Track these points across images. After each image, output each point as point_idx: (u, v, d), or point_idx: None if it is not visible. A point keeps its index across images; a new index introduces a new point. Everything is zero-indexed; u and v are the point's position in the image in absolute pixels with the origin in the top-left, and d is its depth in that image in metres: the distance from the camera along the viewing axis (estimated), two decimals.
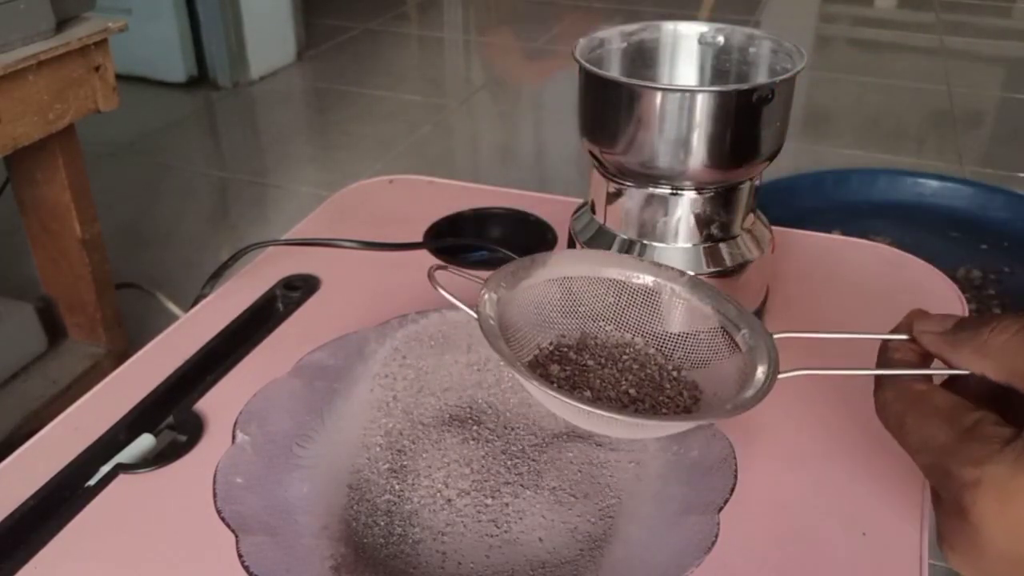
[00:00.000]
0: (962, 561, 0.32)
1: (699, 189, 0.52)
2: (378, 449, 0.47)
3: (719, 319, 0.43)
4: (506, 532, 0.42)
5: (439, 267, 0.42)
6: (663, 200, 0.53)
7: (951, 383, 0.37)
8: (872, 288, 0.65)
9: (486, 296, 0.41)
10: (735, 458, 0.42)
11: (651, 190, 0.53)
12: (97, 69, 1.04)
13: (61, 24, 1.00)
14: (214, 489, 0.41)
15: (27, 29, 0.95)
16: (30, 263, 1.21)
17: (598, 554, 0.41)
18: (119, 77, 1.07)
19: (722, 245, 0.54)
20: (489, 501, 0.44)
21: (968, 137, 2.16)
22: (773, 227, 0.59)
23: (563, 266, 0.45)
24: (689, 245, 0.54)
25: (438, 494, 0.44)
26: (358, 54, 2.81)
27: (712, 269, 0.54)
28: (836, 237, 0.73)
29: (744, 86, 0.49)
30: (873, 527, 0.45)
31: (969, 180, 1.68)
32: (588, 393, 0.41)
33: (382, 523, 0.43)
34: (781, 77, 0.49)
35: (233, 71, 2.51)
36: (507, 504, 0.44)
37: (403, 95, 2.50)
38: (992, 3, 3.27)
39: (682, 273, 0.45)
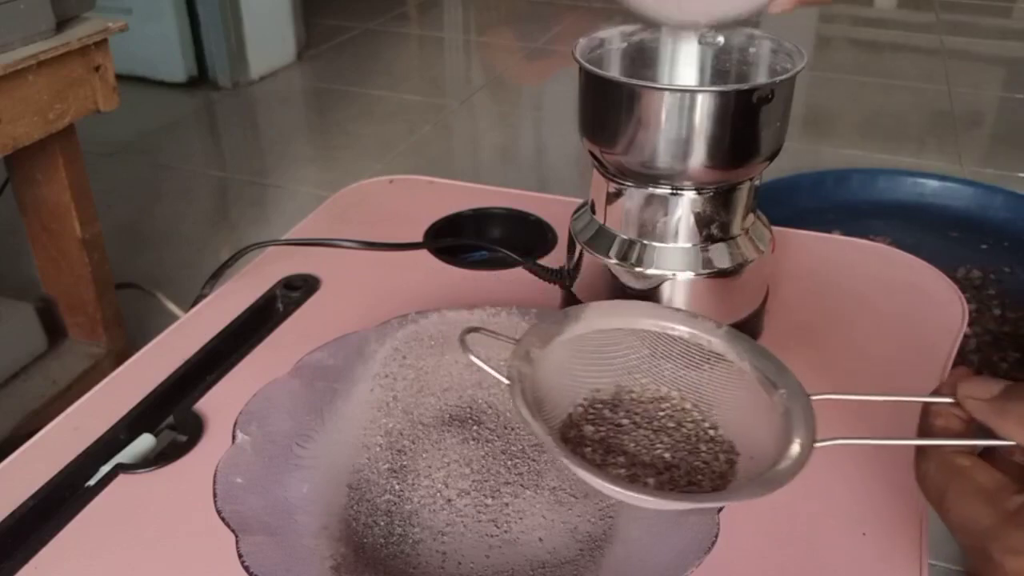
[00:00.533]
0: None
1: (699, 189, 0.52)
2: (378, 449, 0.47)
3: (756, 376, 0.41)
4: (506, 532, 0.42)
5: (471, 330, 0.41)
6: (663, 200, 0.53)
7: (994, 452, 0.36)
8: (872, 288, 0.65)
9: (517, 363, 0.40)
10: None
11: (651, 190, 0.53)
12: (97, 69, 1.04)
13: (61, 24, 1.00)
14: (214, 489, 0.41)
15: (27, 29, 0.95)
16: (30, 263, 1.21)
17: (598, 554, 0.41)
18: (119, 77, 1.07)
19: (722, 245, 0.54)
20: (489, 501, 0.44)
21: (968, 137, 2.16)
22: (773, 227, 0.59)
23: (596, 319, 0.44)
24: (689, 245, 0.54)
25: (438, 494, 0.44)
26: (358, 54, 2.81)
27: (712, 269, 0.54)
28: (836, 237, 0.73)
29: (744, 86, 0.49)
30: (873, 527, 0.45)
31: (969, 180, 1.68)
32: (622, 458, 0.40)
33: (382, 523, 0.43)
34: (781, 77, 0.49)
35: (233, 71, 2.51)
36: (507, 504, 0.44)
37: (403, 95, 2.50)
38: (992, 3, 3.27)
39: (719, 325, 0.43)
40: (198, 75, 2.52)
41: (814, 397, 0.39)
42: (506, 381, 0.38)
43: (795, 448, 0.37)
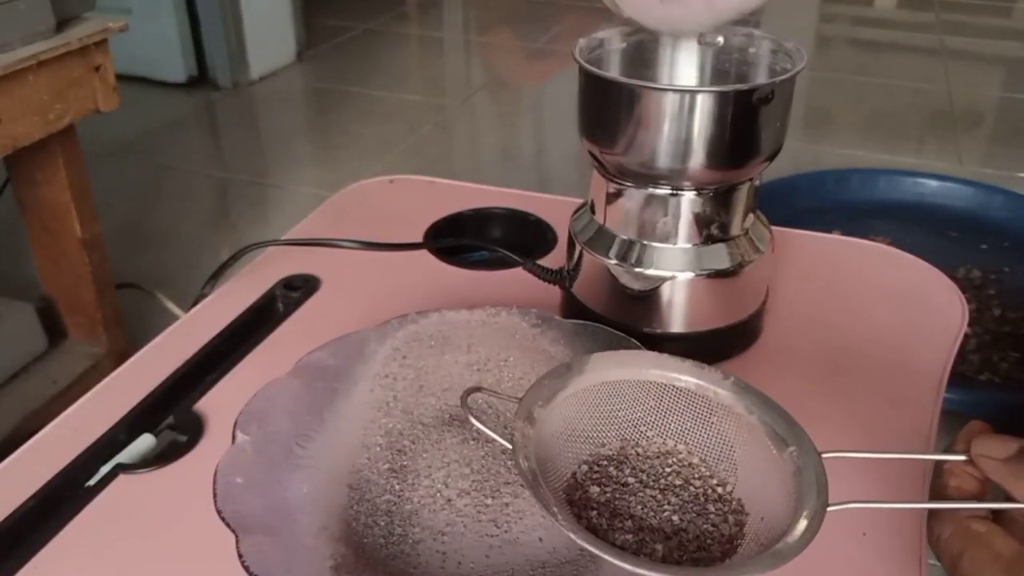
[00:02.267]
0: None
1: (699, 189, 0.52)
2: (378, 449, 0.47)
3: (765, 431, 0.40)
4: (506, 532, 0.42)
5: (473, 390, 0.40)
6: (663, 200, 0.53)
7: (1004, 515, 0.35)
8: (872, 288, 0.65)
9: (520, 425, 0.39)
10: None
11: (651, 190, 0.53)
12: (97, 69, 1.04)
13: (61, 24, 1.00)
14: (214, 489, 0.41)
15: (27, 29, 0.95)
16: (30, 263, 1.21)
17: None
18: (119, 77, 1.07)
19: (722, 245, 0.54)
20: (489, 501, 0.44)
21: (968, 137, 2.16)
22: (773, 227, 0.59)
23: (599, 371, 0.43)
24: (689, 245, 0.54)
25: (438, 494, 0.44)
26: (358, 54, 2.81)
27: (712, 269, 0.54)
28: (836, 237, 0.73)
29: (744, 86, 0.49)
30: (873, 527, 0.45)
31: (969, 180, 1.68)
32: (629, 523, 0.39)
33: (382, 523, 0.43)
34: (781, 77, 0.49)
35: (233, 71, 2.51)
36: (507, 504, 0.44)
37: (403, 95, 2.50)
38: (992, 3, 3.27)
39: (726, 376, 0.43)
40: (198, 75, 2.52)
41: (825, 456, 0.38)
42: (508, 446, 0.38)
43: (806, 516, 0.36)
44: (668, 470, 0.42)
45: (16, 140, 0.95)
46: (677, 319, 0.55)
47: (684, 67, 0.57)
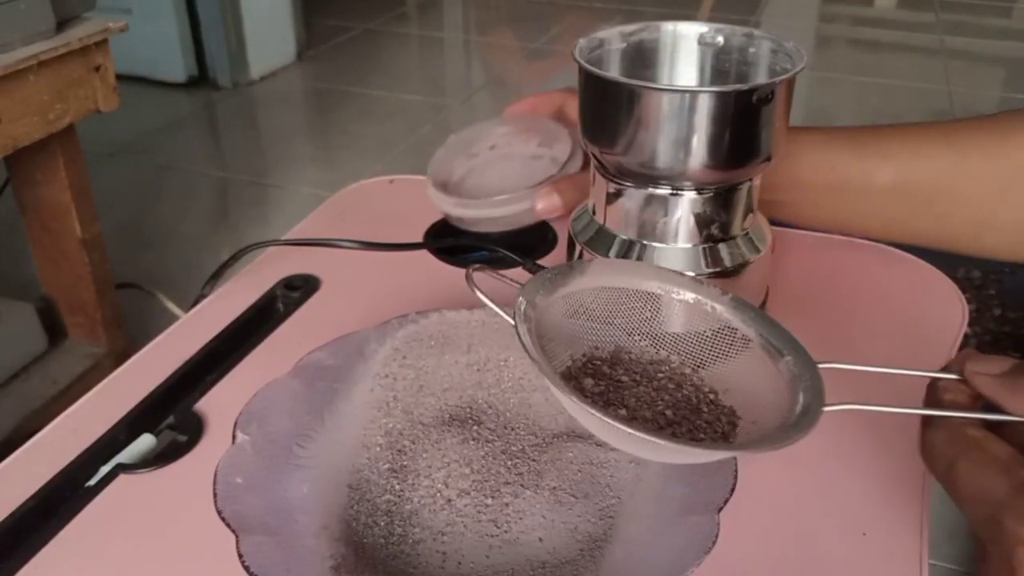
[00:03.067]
0: None
1: (699, 189, 0.52)
2: (378, 449, 0.47)
3: (761, 343, 0.41)
4: (506, 532, 0.42)
5: (476, 268, 0.40)
6: (663, 200, 0.53)
7: (1000, 429, 0.35)
8: (872, 288, 0.65)
9: (523, 302, 0.39)
10: (735, 458, 0.42)
11: (651, 190, 0.53)
12: (97, 69, 1.04)
13: (61, 24, 1.00)
14: (214, 489, 0.41)
15: (27, 29, 0.95)
16: (30, 263, 1.22)
17: (598, 554, 0.41)
18: (119, 77, 1.08)
19: (722, 245, 0.54)
20: (489, 501, 0.44)
21: None
22: (773, 227, 0.59)
23: (601, 276, 0.43)
24: (689, 245, 0.54)
25: (438, 494, 0.44)
26: (358, 54, 2.81)
27: (712, 269, 0.54)
28: (836, 237, 0.73)
29: (744, 86, 0.49)
30: (873, 527, 0.45)
31: None
32: (623, 411, 0.39)
33: (382, 523, 0.43)
34: (781, 77, 0.49)
35: (233, 71, 2.51)
36: (507, 504, 0.44)
37: (403, 95, 2.50)
38: (992, 3, 3.27)
39: (724, 292, 0.43)
40: (198, 75, 2.53)
41: (821, 365, 0.39)
42: (512, 320, 0.38)
43: (801, 407, 0.36)
44: (660, 375, 0.42)
45: (16, 140, 0.95)
46: None
47: (684, 67, 0.57)
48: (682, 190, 0.52)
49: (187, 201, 1.96)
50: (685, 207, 0.53)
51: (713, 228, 0.54)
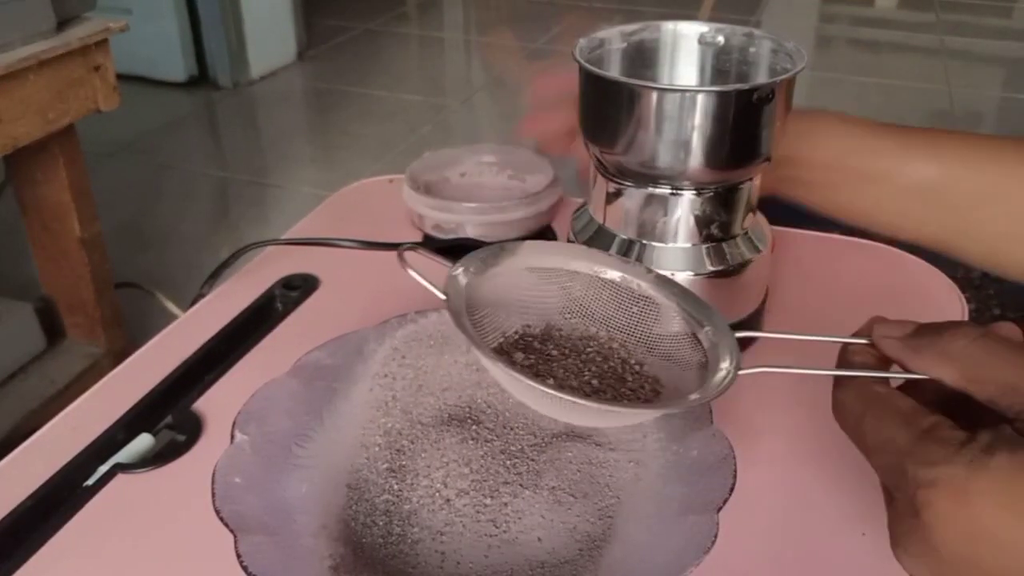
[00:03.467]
0: (914, 563, 0.33)
1: (699, 189, 0.52)
2: (377, 449, 0.47)
3: (683, 315, 0.43)
4: (505, 532, 0.42)
5: (408, 248, 0.43)
6: (663, 200, 0.53)
7: (907, 388, 0.38)
8: (872, 288, 0.65)
9: (455, 277, 0.41)
10: (735, 458, 0.42)
11: (651, 190, 0.53)
12: (97, 69, 1.04)
13: (61, 24, 1.00)
14: (213, 489, 0.41)
15: (27, 29, 0.95)
16: (30, 263, 1.22)
17: (597, 554, 0.41)
18: (119, 77, 1.08)
19: (722, 245, 0.54)
20: (488, 501, 0.44)
21: None
22: (773, 227, 0.59)
23: (532, 256, 0.45)
24: (689, 245, 0.54)
25: (437, 494, 0.44)
26: (358, 54, 2.81)
27: (712, 269, 0.54)
28: (836, 237, 0.73)
29: (744, 86, 0.49)
30: (873, 527, 0.45)
31: None
32: (551, 381, 0.41)
33: (381, 523, 0.43)
34: (781, 77, 0.49)
35: (233, 71, 2.51)
36: (506, 504, 0.44)
37: (403, 95, 2.50)
38: (992, 3, 3.27)
39: (648, 270, 0.46)
40: (198, 75, 2.53)
41: (739, 335, 0.41)
42: (442, 296, 0.40)
43: (721, 371, 0.39)
44: (589, 349, 0.44)
45: (16, 140, 0.95)
46: None
47: (684, 67, 0.57)
48: (682, 190, 0.52)
49: (187, 201, 1.96)
50: (685, 207, 0.53)
51: (713, 228, 0.53)
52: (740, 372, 0.39)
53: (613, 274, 0.45)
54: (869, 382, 0.37)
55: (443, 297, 0.40)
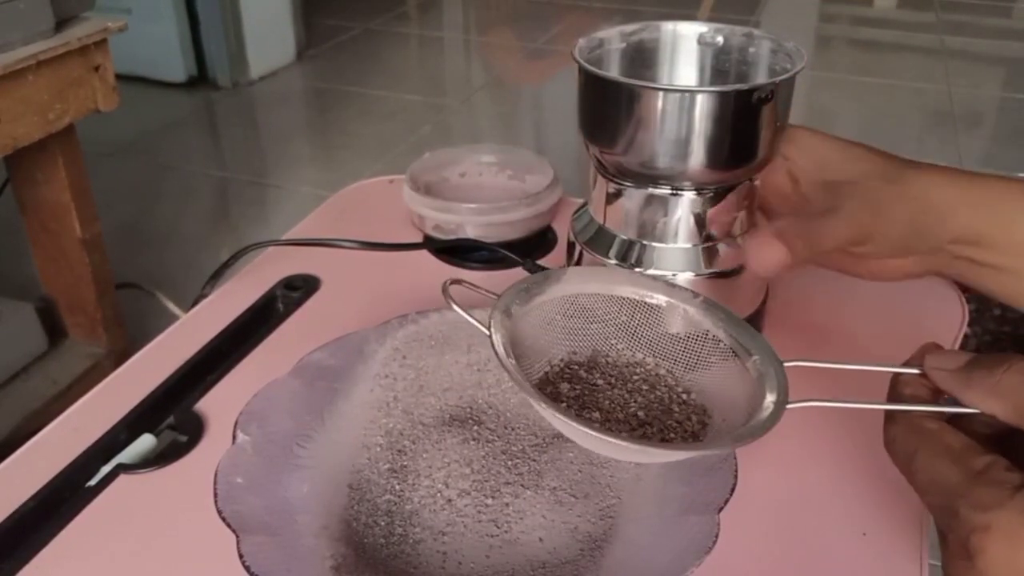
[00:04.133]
0: None
1: (699, 189, 0.52)
2: (378, 449, 0.47)
3: (731, 343, 0.42)
4: (506, 532, 0.42)
5: (454, 282, 0.42)
6: (663, 200, 0.53)
7: (958, 422, 0.37)
8: (872, 288, 0.65)
9: (498, 315, 0.40)
10: (735, 458, 0.42)
11: (651, 190, 0.53)
12: (97, 69, 1.04)
13: (61, 24, 1.00)
14: (215, 489, 0.41)
15: (27, 29, 0.95)
16: (30, 263, 1.22)
17: (598, 554, 0.41)
18: (119, 77, 1.08)
19: (722, 245, 0.54)
20: (489, 501, 0.44)
21: (968, 137, 2.16)
22: None
23: (576, 283, 0.45)
24: (689, 245, 0.54)
25: (438, 494, 0.44)
26: (358, 54, 2.81)
27: (712, 270, 0.54)
28: None
29: (744, 86, 0.49)
30: (873, 527, 0.45)
31: None
32: (597, 414, 0.41)
33: (382, 523, 0.43)
34: (781, 77, 0.49)
35: (233, 71, 2.51)
36: (507, 504, 0.44)
37: (403, 95, 2.50)
38: (992, 3, 3.27)
39: (695, 294, 0.44)
40: (198, 75, 2.52)
41: (787, 364, 0.40)
42: (487, 331, 0.39)
43: (767, 404, 0.38)
44: (636, 377, 0.43)
45: (16, 140, 0.95)
46: None
47: (684, 67, 0.57)
48: (682, 190, 0.52)
49: (187, 201, 1.96)
50: (685, 207, 0.53)
51: (713, 228, 0.54)
52: (788, 406, 0.38)
53: (659, 299, 0.44)
54: (921, 417, 0.36)
55: (487, 332, 0.39)
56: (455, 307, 0.40)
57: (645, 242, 0.54)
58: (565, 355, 0.44)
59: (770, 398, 0.38)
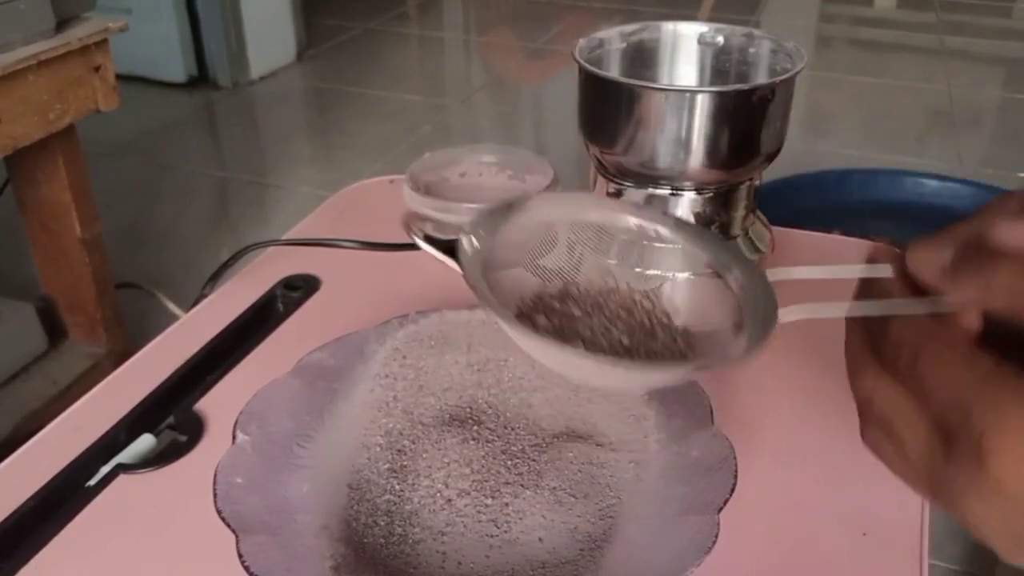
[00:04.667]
0: (981, 513, 0.30)
1: (699, 189, 0.52)
2: (378, 449, 0.47)
3: (707, 259, 0.41)
4: (506, 532, 0.42)
5: (412, 217, 0.40)
6: (663, 200, 0.53)
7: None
8: None
9: (466, 245, 0.38)
10: (735, 458, 0.42)
11: (651, 190, 0.53)
12: (97, 69, 1.04)
13: (61, 24, 1.00)
14: (214, 489, 0.41)
15: (27, 29, 0.95)
16: (30, 263, 1.21)
17: (598, 554, 0.41)
18: (119, 77, 1.08)
19: None
20: (489, 501, 0.44)
21: (968, 137, 2.16)
22: (773, 227, 0.59)
23: (543, 210, 0.43)
24: None
25: (438, 494, 0.44)
26: (358, 54, 2.81)
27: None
28: (836, 237, 0.73)
29: (744, 86, 0.49)
30: (873, 527, 0.45)
31: (969, 180, 1.68)
32: (580, 344, 0.38)
33: (382, 523, 0.43)
34: (781, 77, 0.49)
35: (233, 71, 2.51)
36: (507, 504, 0.44)
37: (403, 95, 2.50)
38: (992, 3, 3.27)
39: (665, 213, 0.43)
40: (198, 75, 2.52)
41: (771, 278, 0.39)
42: (456, 267, 0.38)
43: (758, 322, 0.36)
44: (612, 304, 0.41)
45: (16, 140, 0.95)
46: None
47: (684, 67, 0.57)
48: (682, 190, 0.52)
49: (187, 201, 1.96)
50: (685, 207, 0.53)
51: (713, 228, 0.54)
52: (780, 314, 0.36)
53: (629, 221, 0.42)
54: (929, 319, 0.34)
55: (457, 268, 0.37)
56: (420, 243, 0.38)
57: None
58: (535, 287, 0.42)
59: (758, 311, 0.36)
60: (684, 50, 0.57)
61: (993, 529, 0.30)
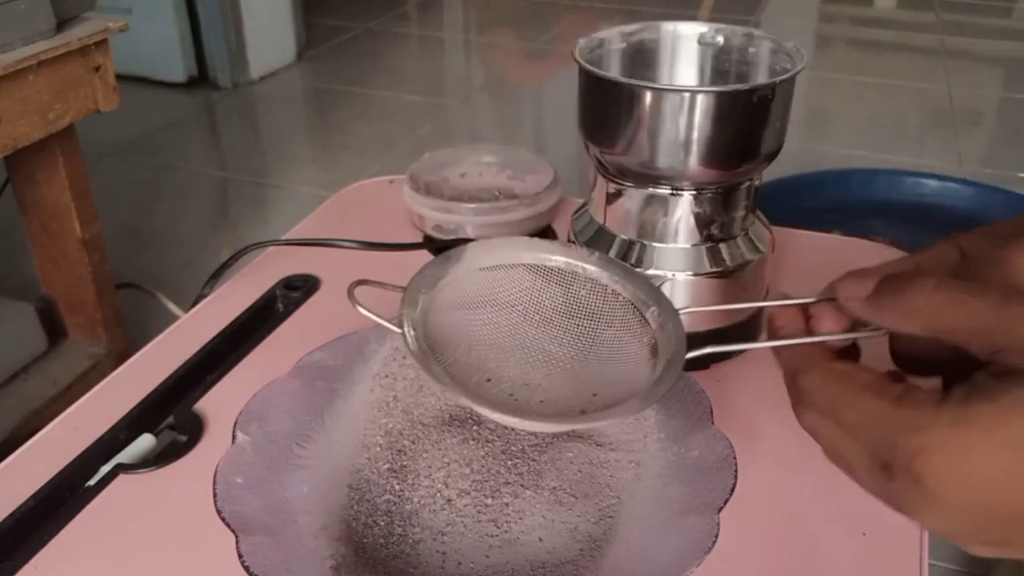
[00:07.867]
0: (931, 521, 0.32)
1: (699, 189, 0.52)
2: (378, 449, 0.47)
3: (629, 296, 0.43)
4: (506, 532, 0.42)
5: (359, 283, 0.42)
6: (663, 200, 0.53)
7: (851, 349, 0.37)
8: None
9: (407, 310, 0.41)
10: (735, 458, 0.42)
11: (651, 190, 0.53)
12: (97, 69, 1.04)
13: (61, 24, 1.00)
14: (214, 489, 0.41)
15: (27, 29, 0.95)
16: (30, 263, 1.21)
17: (598, 554, 0.41)
18: (119, 77, 1.07)
19: (722, 245, 0.54)
20: (489, 501, 0.44)
21: (968, 137, 2.16)
22: (773, 227, 0.59)
23: (477, 257, 0.45)
24: (689, 245, 0.54)
25: (438, 494, 0.44)
26: (358, 54, 2.81)
27: (712, 269, 0.54)
28: (836, 237, 0.73)
29: (744, 86, 0.49)
30: (873, 527, 0.45)
31: (969, 180, 1.68)
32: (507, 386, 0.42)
33: (382, 523, 0.43)
34: (781, 77, 0.49)
35: (233, 71, 2.51)
36: (507, 504, 0.44)
37: (403, 95, 2.50)
38: (992, 3, 3.27)
39: (591, 252, 0.45)
40: (198, 75, 2.52)
41: (682, 311, 0.41)
42: (397, 329, 0.40)
43: (666, 363, 0.39)
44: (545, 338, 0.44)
45: (16, 140, 0.95)
46: None
47: (684, 67, 0.57)
48: (682, 190, 0.52)
49: (187, 201, 1.96)
50: (685, 207, 0.53)
51: (713, 228, 0.54)
52: (689, 356, 0.39)
53: (557, 260, 0.45)
54: (831, 361, 0.36)
55: (400, 331, 0.40)
56: (362, 310, 0.40)
57: (645, 242, 0.54)
58: (474, 332, 0.45)
59: (669, 350, 0.39)
60: (684, 50, 0.57)
61: (946, 532, 0.31)
